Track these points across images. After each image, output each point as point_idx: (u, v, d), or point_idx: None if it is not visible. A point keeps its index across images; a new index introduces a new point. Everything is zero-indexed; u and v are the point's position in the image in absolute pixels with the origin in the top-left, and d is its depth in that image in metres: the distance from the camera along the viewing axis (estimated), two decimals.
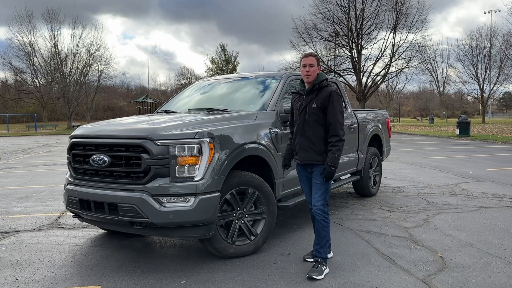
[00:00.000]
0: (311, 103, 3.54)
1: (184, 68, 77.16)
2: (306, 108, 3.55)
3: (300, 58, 3.66)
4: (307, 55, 3.65)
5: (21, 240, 4.56)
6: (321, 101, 3.49)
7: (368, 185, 6.53)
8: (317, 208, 3.51)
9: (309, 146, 3.53)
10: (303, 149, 3.57)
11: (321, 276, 3.38)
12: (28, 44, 44.45)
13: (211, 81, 5.78)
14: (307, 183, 3.70)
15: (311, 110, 3.52)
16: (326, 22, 32.55)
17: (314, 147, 3.51)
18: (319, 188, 3.52)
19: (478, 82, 46.36)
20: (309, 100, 3.56)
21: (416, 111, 75.35)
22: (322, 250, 3.55)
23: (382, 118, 7.26)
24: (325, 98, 3.49)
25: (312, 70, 3.56)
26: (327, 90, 3.53)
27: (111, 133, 3.78)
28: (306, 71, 3.56)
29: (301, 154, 3.59)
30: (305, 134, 3.55)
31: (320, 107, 3.49)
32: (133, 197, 3.42)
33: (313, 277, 3.35)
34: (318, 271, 3.40)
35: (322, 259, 3.52)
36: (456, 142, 19.04)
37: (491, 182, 7.84)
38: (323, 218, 3.51)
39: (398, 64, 33.47)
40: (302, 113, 3.58)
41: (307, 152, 3.54)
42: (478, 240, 4.31)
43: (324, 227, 3.53)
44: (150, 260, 3.88)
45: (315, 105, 3.51)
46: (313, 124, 3.51)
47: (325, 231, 3.54)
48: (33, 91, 49.35)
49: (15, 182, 8.73)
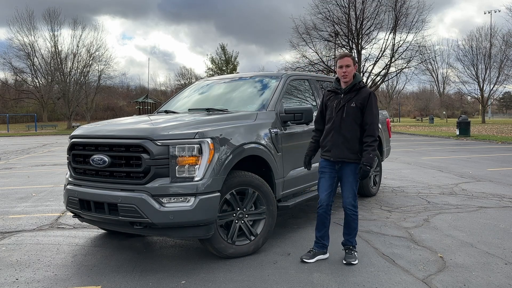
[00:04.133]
0: (349, 102, 3.64)
1: (184, 68, 77.23)
2: (345, 107, 3.64)
3: (336, 60, 3.80)
4: (342, 55, 3.75)
5: (21, 240, 4.56)
6: (361, 101, 3.61)
7: (368, 185, 6.53)
8: (349, 204, 3.69)
9: (344, 144, 3.62)
10: (337, 146, 3.65)
11: (357, 260, 3.71)
12: (28, 44, 44.54)
13: (211, 81, 5.78)
14: (329, 179, 3.75)
15: (349, 109, 3.62)
16: (326, 22, 32.60)
17: (349, 146, 3.61)
18: (351, 185, 3.68)
19: (478, 82, 46.38)
20: (348, 99, 3.66)
21: (416, 111, 75.34)
22: (353, 239, 3.79)
23: (382, 118, 7.25)
24: (365, 98, 3.61)
25: (349, 70, 3.66)
26: (366, 91, 3.66)
27: (111, 133, 3.78)
28: (343, 71, 3.66)
29: (334, 151, 3.66)
30: (341, 132, 3.64)
31: (360, 107, 3.61)
32: (133, 197, 3.42)
33: (352, 262, 3.66)
34: (353, 257, 3.71)
35: (353, 246, 3.78)
36: (456, 142, 19.04)
37: (491, 182, 7.84)
38: (354, 212, 3.72)
39: (398, 64, 33.51)
40: (339, 112, 3.66)
41: (341, 150, 3.63)
42: (478, 240, 4.31)
43: (354, 220, 3.74)
44: (150, 260, 3.88)
45: (354, 105, 3.61)
46: (351, 123, 3.62)
47: (355, 222, 3.76)
48: (33, 91, 49.38)
49: (15, 182, 8.73)
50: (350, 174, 3.66)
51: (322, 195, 3.78)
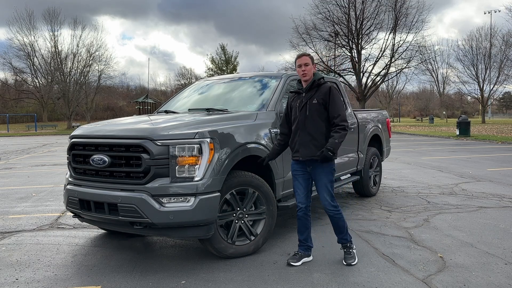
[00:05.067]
0: (311, 100, 3.63)
1: (184, 68, 77.18)
2: (307, 105, 3.62)
3: (295, 60, 3.76)
4: (300, 55, 3.75)
5: (21, 240, 4.56)
6: (322, 96, 3.60)
7: (368, 185, 6.53)
8: (328, 204, 3.62)
9: (311, 142, 3.58)
10: (304, 145, 3.60)
11: (356, 260, 3.67)
12: (28, 44, 44.51)
13: (210, 81, 5.78)
14: (302, 181, 3.71)
15: (312, 106, 3.60)
16: (326, 22, 32.58)
17: (316, 143, 3.57)
18: (324, 185, 3.61)
19: (478, 82, 46.35)
20: (309, 97, 3.65)
21: (416, 111, 75.31)
22: (346, 236, 3.73)
23: (382, 118, 7.26)
24: (325, 93, 3.60)
25: (308, 68, 3.67)
26: (326, 86, 3.65)
27: (111, 133, 3.78)
28: (303, 70, 3.67)
29: (302, 150, 3.61)
30: (307, 130, 3.60)
31: (321, 102, 3.59)
32: (133, 197, 3.42)
33: (351, 263, 3.62)
34: (352, 257, 3.68)
35: (349, 242, 3.73)
36: (456, 142, 19.04)
37: (491, 182, 7.84)
38: (335, 212, 3.64)
39: (398, 64, 33.49)
40: (302, 110, 3.64)
41: (309, 148, 3.58)
42: (478, 240, 4.31)
43: (339, 219, 3.67)
44: (150, 260, 3.88)
45: (316, 101, 3.60)
46: (315, 119, 3.59)
47: (342, 221, 3.69)
48: (33, 91, 49.36)
49: (15, 182, 8.73)
50: (322, 174, 3.60)
51: (298, 198, 3.73)
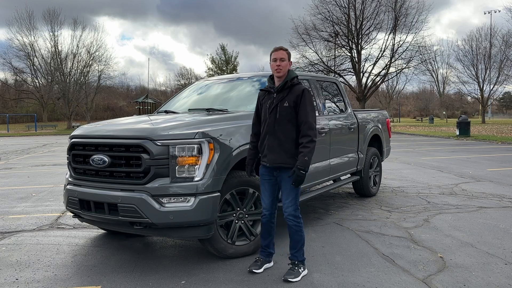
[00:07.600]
0: (282, 102, 3.33)
1: (184, 68, 77.04)
2: (278, 107, 3.33)
3: (270, 53, 3.42)
4: (277, 48, 3.40)
5: (21, 240, 4.56)
6: (294, 99, 3.30)
7: (368, 185, 6.53)
8: (289, 214, 3.37)
9: (280, 147, 3.31)
10: (272, 151, 3.34)
11: (298, 278, 3.32)
12: (28, 44, 44.52)
13: (210, 81, 5.78)
14: (268, 187, 3.48)
15: (282, 110, 3.31)
16: (325, 22, 32.57)
17: (285, 149, 3.30)
18: (289, 193, 3.35)
19: (478, 82, 46.36)
20: (280, 98, 3.35)
21: (416, 111, 75.34)
22: (298, 253, 3.44)
23: (382, 118, 7.26)
24: (298, 96, 3.30)
25: (284, 64, 3.36)
26: (299, 88, 3.34)
27: (111, 133, 3.78)
28: (277, 65, 3.35)
29: (270, 156, 3.35)
30: (276, 135, 3.32)
31: (293, 106, 3.30)
32: (133, 197, 3.42)
33: (289, 279, 3.29)
34: (294, 274, 3.34)
35: (299, 262, 3.43)
36: (456, 142, 19.04)
37: (491, 182, 7.84)
38: (295, 223, 3.39)
39: (398, 65, 33.48)
40: (272, 112, 3.35)
41: (277, 154, 3.32)
42: (478, 240, 4.31)
43: (297, 232, 3.40)
44: (150, 260, 3.88)
45: (287, 104, 3.31)
46: (285, 124, 3.31)
47: (299, 235, 3.41)
48: (33, 91, 49.37)
49: (15, 182, 8.73)
50: (289, 180, 3.30)
51: (264, 203, 3.54)
